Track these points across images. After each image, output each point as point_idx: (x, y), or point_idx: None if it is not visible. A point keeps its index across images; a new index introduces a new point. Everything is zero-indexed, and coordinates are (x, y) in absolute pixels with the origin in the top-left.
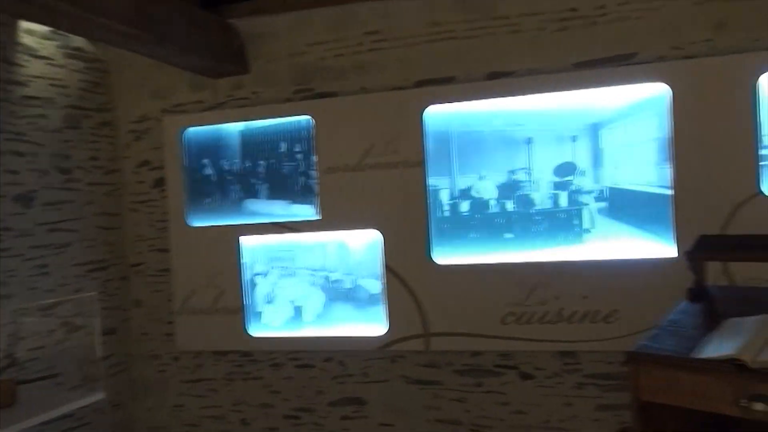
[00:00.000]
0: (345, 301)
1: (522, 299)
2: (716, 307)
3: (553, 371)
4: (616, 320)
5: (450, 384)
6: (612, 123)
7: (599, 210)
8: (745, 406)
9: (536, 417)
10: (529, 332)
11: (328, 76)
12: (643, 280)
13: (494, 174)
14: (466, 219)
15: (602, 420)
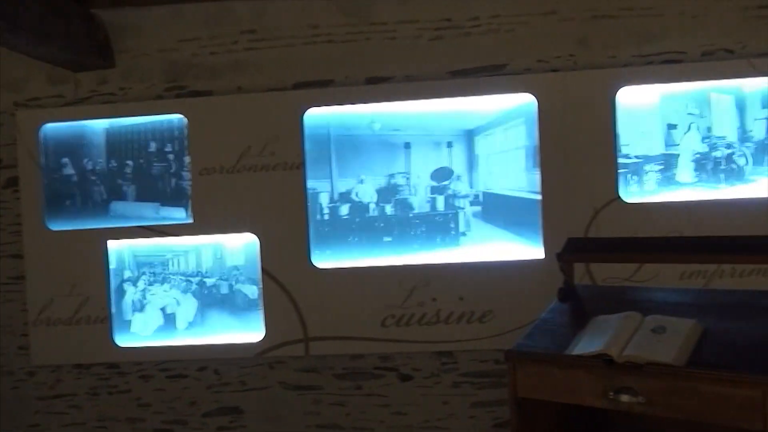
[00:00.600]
0: (221, 307)
1: (401, 301)
2: (584, 305)
3: (431, 371)
4: (490, 320)
5: (330, 388)
6: (486, 130)
7: (474, 214)
8: (612, 398)
9: (416, 417)
10: (408, 334)
11: (202, 74)
12: (514, 281)
13: (374, 178)
14: (345, 222)
15: (477, 417)
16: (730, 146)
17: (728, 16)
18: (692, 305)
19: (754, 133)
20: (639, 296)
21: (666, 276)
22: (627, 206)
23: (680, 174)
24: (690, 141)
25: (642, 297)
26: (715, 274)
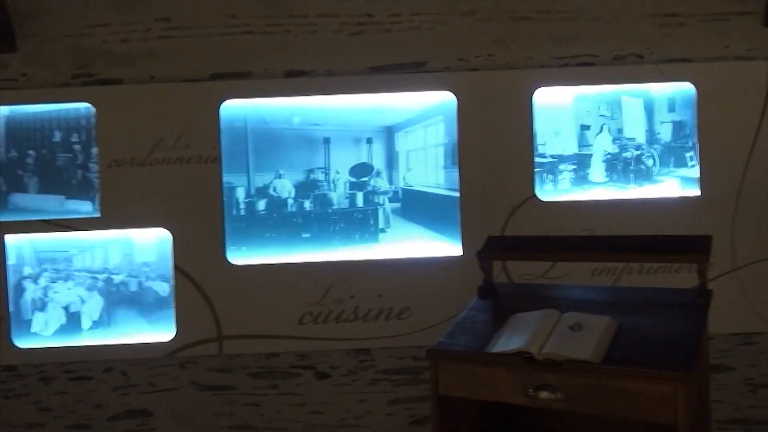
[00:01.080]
0: (129, 305)
1: (319, 299)
2: (503, 303)
3: (348, 369)
4: (409, 317)
5: (244, 388)
6: (406, 127)
7: (393, 210)
8: (532, 395)
9: (332, 416)
10: (326, 331)
11: (113, 62)
12: (432, 278)
13: (292, 173)
14: (262, 218)
15: (394, 414)
16: (639, 148)
17: (639, 23)
18: (608, 302)
19: (661, 136)
20: (556, 294)
21: (579, 272)
22: (542, 204)
23: (593, 174)
24: (602, 142)
25: (559, 294)
26: (624, 271)
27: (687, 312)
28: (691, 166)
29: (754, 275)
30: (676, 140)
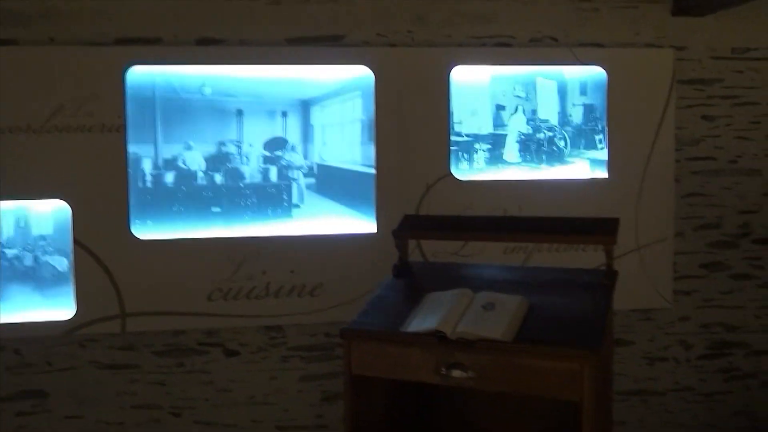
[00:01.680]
0: (23, 281)
1: (229, 275)
2: (418, 282)
3: (258, 346)
4: (321, 293)
5: (148, 367)
6: (322, 101)
7: (308, 186)
8: (444, 374)
9: (241, 393)
10: (236, 308)
11: (7, 21)
12: (346, 255)
13: (202, 145)
14: (171, 191)
15: (306, 391)
16: (552, 129)
17: (555, 7)
18: (520, 282)
19: (573, 118)
20: (470, 273)
21: (491, 250)
22: (458, 183)
23: (507, 153)
24: (516, 122)
25: (473, 274)
26: (535, 249)
27: (594, 292)
28: (600, 149)
29: (655, 254)
30: (587, 123)
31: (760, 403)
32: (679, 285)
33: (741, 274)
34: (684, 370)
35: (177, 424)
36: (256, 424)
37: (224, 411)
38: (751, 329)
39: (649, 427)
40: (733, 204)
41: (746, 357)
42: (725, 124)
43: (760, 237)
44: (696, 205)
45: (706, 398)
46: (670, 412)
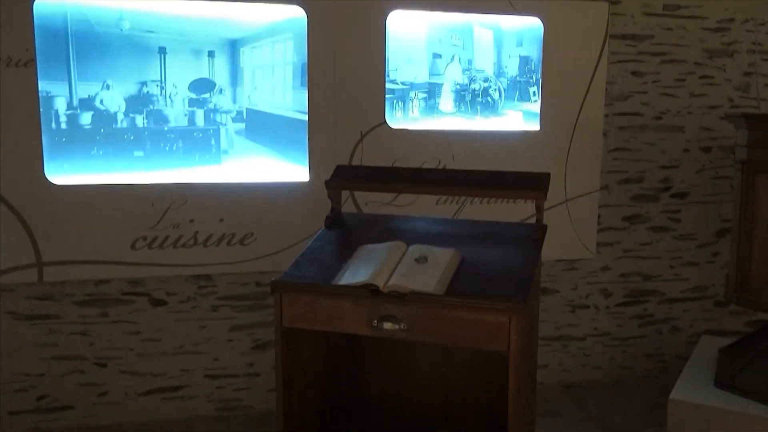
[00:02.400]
0: None
1: (154, 222)
2: (350, 233)
3: (187, 296)
4: (252, 242)
5: (69, 317)
6: (252, 42)
7: (237, 131)
8: (376, 326)
9: (169, 343)
10: (162, 257)
11: None
12: (277, 203)
13: (122, 84)
14: (88, 133)
15: (236, 340)
16: (487, 80)
17: None
18: (452, 235)
19: (508, 70)
20: (403, 225)
21: (425, 201)
22: (392, 132)
23: (442, 103)
24: (452, 72)
25: (406, 226)
26: (467, 200)
27: (524, 245)
28: (534, 101)
29: (581, 207)
30: (522, 75)
31: (669, 345)
32: (602, 237)
33: (659, 227)
34: (603, 316)
35: (103, 375)
36: (186, 373)
37: (152, 361)
38: (665, 278)
39: (569, 369)
40: (655, 159)
41: (659, 304)
42: (653, 81)
43: (679, 191)
44: (621, 160)
45: (621, 342)
46: (588, 356)
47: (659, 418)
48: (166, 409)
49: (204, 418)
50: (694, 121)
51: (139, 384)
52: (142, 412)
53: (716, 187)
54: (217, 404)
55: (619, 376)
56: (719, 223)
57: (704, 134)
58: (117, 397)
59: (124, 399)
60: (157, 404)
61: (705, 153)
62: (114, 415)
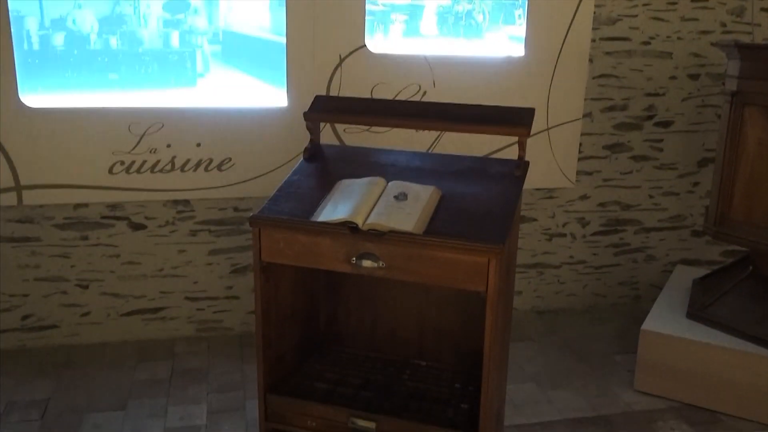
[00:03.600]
0: None
1: (131, 147)
2: (330, 167)
3: (165, 220)
4: (230, 168)
5: (50, 239)
6: None
7: (213, 54)
8: (355, 263)
9: (149, 266)
10: (140, 182)
11: None
12: (255, 129)
13: (94, 3)
14: (61, 55)
15: (215, 263)
16: (471, 2)
17: None
18: (432, 170)
19: None
20: (383, 159)
21: (403, 129)
22: (372, 55)
23: (424, 26)
24: None
25: (386, 160)
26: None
27: (505, 182)
28: (519, 24)
29: (563, 135)
30: None
31: (643, 274)
32: (582, 165)
33: (641, 156)
34: (579, 245)
35: (85, 296)
36: (166, 295)
37: (132, 283)
38: (643, 207)
39: (543, 296)
40: (641, 86)
41: (636, 233)
42: (643, 4)
43: (662, 120)
44: (606, 87)
45: (596, 270)
46: (562, 283)
47: (630, 345)
48: (148, 330)
49: (185, 338)
50: (684, 47)
51: (121, 305)
52: (124, 332)
53: (701, 115)
54: (197, 325)
55: (593, 303)
56: (702, 152)
57: (693, 61)
58: (99, 317)
59: (106, 319)
60: (139, 325)
61: (692, 80)
62: (97, 335)
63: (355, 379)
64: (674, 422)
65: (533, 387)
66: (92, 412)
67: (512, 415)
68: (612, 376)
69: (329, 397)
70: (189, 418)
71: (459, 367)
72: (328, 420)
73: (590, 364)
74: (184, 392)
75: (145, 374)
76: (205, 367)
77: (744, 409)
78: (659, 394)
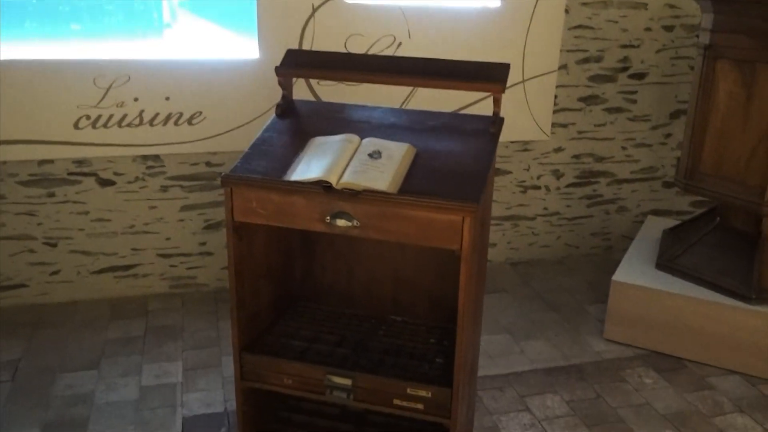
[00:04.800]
0: None
1: (96, 101)
2: (303, 123)
3: (135, 176)
4: (201, 122)
5: (15, 197)
6: None
7: (180, 3)
8: (329, 222)
9: (120, 223)
10: (108, 137)
11: None
12: (226, 82)
13: None
14: (20, 4)
15: (187, 219)
16: None
17: None
18: (407, 127)
19: None
20: (357, 115)
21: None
22: (346, 6)
23: None
24: None
25: (360, 116)
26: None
27: (480, 139)
28: None
29: (538, 87)
30: None
31: (615, 225)
32: (557, 117)
33: (615, 108)
34: (553, 197)
35: (54, 254)
36: (138, 252)
37: (102, 240)
38: (616, 159)
39: (517, 248)
40: (616, 38)
41: (609, 185)
42: None
43: (637, 71)
44: (581, 38)
45: (569, 222)
46: (536, 235)
47: (601, 295)
48: (120, 287)
49: (158, 295)
50: None
51: (91, 263)
52: (95, 291)
53: (675, 67)
54: (170, 282)
55: (566, 254)
56: (675, 104)
57: (668, 12)
58: (69, 275)
59: (77, 278)
60: (110, 283)
61: (667, 32)
62: (67, 293)
63: (331, 336)
64: (642, 369)
65: (507, 338)
66: (65, 372)
67: (486, 366)
68: (583, 326)
69: (305, 354)
70: (164, 376)
71: (434, 321)
72: (304, 377)
73: (562, 314)
74: (159, 350)
75: (118, 332)
76: (180, 324)
77: (708, 355)
78: (628, 343)
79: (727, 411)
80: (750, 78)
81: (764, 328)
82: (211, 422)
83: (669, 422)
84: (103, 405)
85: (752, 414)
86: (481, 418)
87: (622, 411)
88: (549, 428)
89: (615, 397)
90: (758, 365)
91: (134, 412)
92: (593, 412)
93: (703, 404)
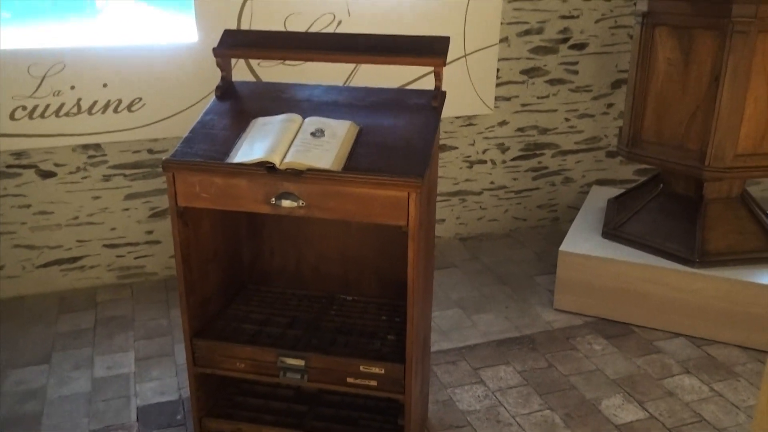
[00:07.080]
0: None
1: (32, 90)
2: (244, 104)
3: (76, 166)
4: (141, 108)
5: None
6: None
7: None
8: (274, 204)
9: (63, 215)
10: (45, 127)
11: None
12: (164, 66)
13: None
14: None
15: (132, 208)
16: None
17: None
18: (349, 104)
19: None
20: (299, 94)
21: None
22: None
23: None
24: None
25: (301, 95)
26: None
27: (423, 113)
28: None
29: (480, 61)
30: None
31: (561, 196)
32: (500, 91)
33: (557, 79)
34: (499, 171)
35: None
36: (83, 243)
37: (46, 233)
38: (560, 131)
39: (465, 223)
40: (556, 9)
41: (554, 157)
42: None
43: (577, 42)
44: (521, 11)
45: (516, 195)
46: (484, 209)
47: (550, 266)
48: (67, 281)
49: (107, 286)
50: None
51: (36, 257)
52: (42, 284)
53: (615, 36)
54: (118, 272)
55: (514, 227)
56: (615, 74)
57: None
58: (14, 270)
59: (21, 272)
60: (57, 276)
61: (606, 1)
62: (13, 289)
63: (282, 318)
64: (591, 336)
65: (458, 312)
66: (14, 368)
67: (439, 341)
68: (533, 297)
69: (257, 337)
70: (117, 367)
71: (384, 299)
72: (257, 361)
73: (512, 286)
74: (110, 341)
75: (67, 326)
76: (131, 315)
77: (655, 320)
78: (577, 311)
79: (675, 373)
80: (687, 44)
81: (708, 291)
82: (165, 410)
83: (619, 387)
84: (55, 399)
85: (698, 375)
86: (435, 392)
87: (573, 378)
88: (503, 399)
89: (566, 365)
90: (702, 327)
91: (88, 405)
92: (545, 380)
93: (652, 367)
